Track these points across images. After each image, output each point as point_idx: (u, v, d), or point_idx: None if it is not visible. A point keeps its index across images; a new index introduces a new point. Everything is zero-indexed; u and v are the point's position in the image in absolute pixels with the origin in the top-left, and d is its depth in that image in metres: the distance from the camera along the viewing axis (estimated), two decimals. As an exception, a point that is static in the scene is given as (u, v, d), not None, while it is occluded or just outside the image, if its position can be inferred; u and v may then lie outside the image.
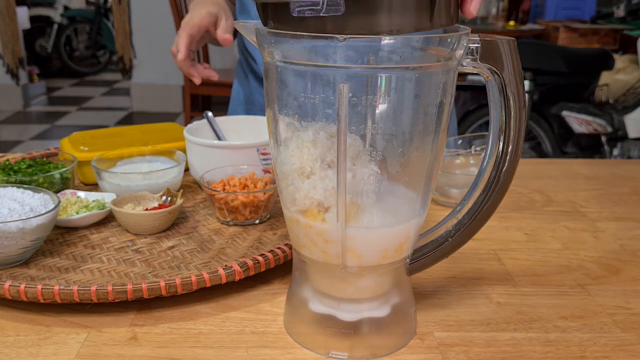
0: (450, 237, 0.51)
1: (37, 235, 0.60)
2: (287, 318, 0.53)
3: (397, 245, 0.47)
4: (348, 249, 0.46)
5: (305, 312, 0.51)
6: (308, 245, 0.47)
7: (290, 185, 0.46)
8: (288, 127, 0.46)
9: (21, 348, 0.49)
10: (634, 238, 0.73)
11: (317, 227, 0.46)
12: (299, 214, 0.46)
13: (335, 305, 0.49)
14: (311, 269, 0.50)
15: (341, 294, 0.49)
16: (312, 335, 0.50)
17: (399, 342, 0.50)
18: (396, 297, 0.50)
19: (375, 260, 0.47)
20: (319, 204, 0.45)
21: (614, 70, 2.84)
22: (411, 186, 0.46)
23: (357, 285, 0.48)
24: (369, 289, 0.49)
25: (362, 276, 0.48)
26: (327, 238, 0.46)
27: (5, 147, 3.63)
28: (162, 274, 0.59)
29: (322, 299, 0.50)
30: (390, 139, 0.43)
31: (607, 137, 2.65)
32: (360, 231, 0.45)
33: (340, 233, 0.45)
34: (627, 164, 1.06)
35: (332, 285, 0.49)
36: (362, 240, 0.46)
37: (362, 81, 0.41)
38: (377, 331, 0.49)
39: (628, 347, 0.51)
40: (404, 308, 0.51)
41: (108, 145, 0.84)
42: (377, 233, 0.46)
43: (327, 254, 0.47)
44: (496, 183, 0.48)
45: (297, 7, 0.38)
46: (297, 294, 0.52)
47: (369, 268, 0.47)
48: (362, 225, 0.45)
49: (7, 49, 4.42)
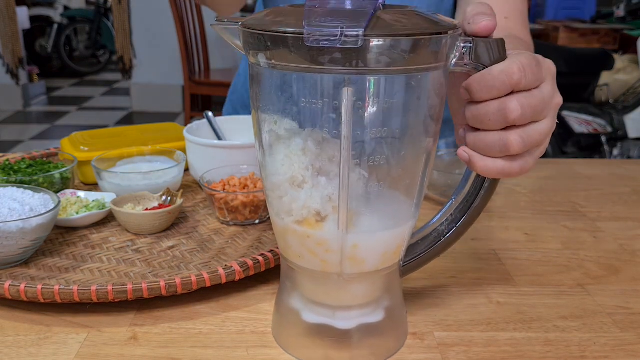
0: (444, 236, 0.50)
1: (37, 235, 0.60)
2: (278, 330, 0.52)
3: (395, 248, 0.47)
4: (349, 256, 0.45)
5: (298, 323, 0.49)
6: (305, 255, 0.46)
7: (284, 195, 0.45)
8: (277, 134, 0.44)
9: (21, 348, 0.49)
10: (634, 238, 0.73)
11: (316, 236, 0.45)
12: (296, 224, 0.45)
13: (330, 314, 0.48)
14: (304, 278, 0.49)
15: (336, 302, 0.48)
16: (309, 347, 0.49)
17: (396, 345, 0.50)
18: (388, 301, 0.50)
19: (375, 265, 0.46)
20: (317, 213, 0.44)
21: (614, 70, 2.84)
22: (406, 188, 0.46)
23: (353, 292, 0.48)
24: (364, 295, 0.48)
25: (359, 282, 0.47)
26: (327, 247, 0.45)
27: (5, 147, 3.63)
28: (162, 273, 0.59)
29: (315, 309, 0.49)
30: (382, 142, 0.42)
31: (607, 137, 2.65)
32: (361, 236, 0.44)
33: (341, 240, 0.44)
34: (627, 164, 1.07)
35: (327, 293, 0.48)
36: (363, 246, 0.45)
37: (352, 85, 0.40)
38: (374, 336, 0.49)
39: (627, 347, 0.51)
40: (397, 310, 0.51)
41: (108, 145, 0.84)
42: (377, 237, 0.45)
43: (327, 262, 0.46)
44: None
45: (313, 38, 0.37)
46: (287, 305, 0.50)
47: (367, 274, 0.47)
48: (362, 231, 0.44)
49: (7, 49, 4.42)
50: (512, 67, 0.41)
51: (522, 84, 0.42)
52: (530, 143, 0.44)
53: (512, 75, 0.41)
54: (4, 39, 4.40)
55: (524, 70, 0.41)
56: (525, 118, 0.43)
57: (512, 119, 0.42)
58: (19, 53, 4.50)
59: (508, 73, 0.41)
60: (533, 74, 0.42)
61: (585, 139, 2.68)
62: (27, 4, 5.34)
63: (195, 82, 3.40)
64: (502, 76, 0.41)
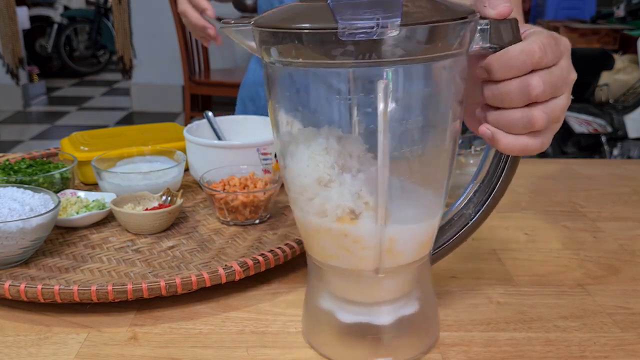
0: (471, 219, 0.51)
1: (37, 235, 0.60)
2: (311, 332, 0.51)
3: (428, 238, 0.47)
4: (386, 250, 0.45)
5: (334, 324, 0.49)
6: (341, 254, 0.46)
7: (314, 197, 0.44)
8: (296, 135, 0.44)
9: (21, 348, 0.49)
10: (634, 238, 0.73)
11: (354, 234, 0.44)
12: (332, 224, 0.44)
13: (366, 312, 0.48)
14: (336, 277, 0.48)
15: (370, 298, 0.48)
16: (349, 347, 0.48)
17: (434, 334, 0.51)
18: (420, 291, 0.50)
19: (411, 257, 0.46)
20: (351, 211, 0.44)
21: (614, 70, 2.84)
22: (438, 175, 0.46)
23: (387, 286, 0.47)
24: (398, 289, 0.48)
25: (393, 277, 0.47)
26: (364, 244, 0.44)
27: (5, 147, 3.63)
28: (162, 273, 0.59)
29: (350, 308, 0.48)
30: (415, 132, 0.43)
31: (607, 137, 2.65)
32: (398, 229, 0.44)
33: (378, 235, 0.44)
34: (627, 164, 1.07)
35: (360, 291, 0.48)
36: (400, 238, 0.45)
37: (369, 78, 0.40)
38: (411, 327, 0.49)
39: (628, 346, 0.51)
40: (430, 300, 0.51)
41: (108, 145, 0.84)
42: (413, 228, 0.46)
43: (363, 259, 0.45)
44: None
45: (348, 32, 0.37)
46: (319, 306, 0.50)
47: (402, 267, 0.47)
48: (398, 223, 0.44)
49: (7, 49, 4.42)
50: (533, 46, 0.43)
51: (543, 63, 0.43)
52: (553, 118, 0.45)
53: (533, 54, 0.42)
54: (4, 39, 4.40)
55: (544, 49, 0.43)
56: (546, 94, 0.44)
57: (535, 95, 0.43)
58: (19, 53, 4.50)
59: (529, 52, 0.42)
60: (552, 52, 0.43)
61: (585, 139, 2.68)
62: (27, 4, 5.34)
63: (195, 82, 3.40)
64: (523, 56, 0.42)
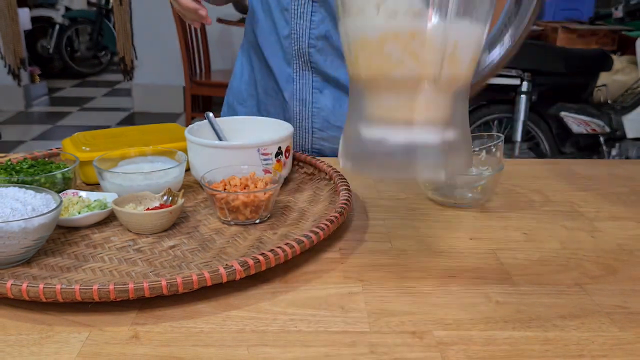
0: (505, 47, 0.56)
1: (39, 234, 0.60)
2: (364, 163, 0.54)
3: (478, 54, 0.51)
4: (449, 55, 0.48)
5: (383, 146, 0.51)
6: (405, 59, 0.48)
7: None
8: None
9: (23, 347, 0.50)
10: (632, 238, 0.73)
11: (421, 35, 0.47)
12: (402, 22, 0.47)
13: (415, 132, 0.50)
14: (390, 98, 0.50)
15: (420, 115, 0.50)
16: (401, 167, 0.52)
17: (469, 162, 0.55)
18: (460, 120, 0.53)
19: (464, 68, 0.49)
20: (420, 8, 0.47)
21: (613, 71, 2.84)
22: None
23: (438, 103, 0.50)
24: (445, 109, 0.51)
25: (446, 91, 0.50)
26: (431, 45, 0.47)
27: (7, 148, 3.63)
28: (164, 273, 0.59)
29: (400, 130, 0.51)
30: None
31: (605, 138, 2.65)
32: (461, 32, 0.47)
33: (445, 35, 0.47)
34: (625, 164, 1.07)
35: (412, 108, 0.50)
36: (461, 44, 0.48)
37: None
38: (454, 150, 0.52)
39: (626, 346, 0.51)
40: (466, 130, 0.54)
41: (110, 145, 0.85)
42: (474, 34, 0.49)
43: (427, 64, 0.48)
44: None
45: None
46: (368, 136, 0.52)
47: (455, 81, 0.50)
48: (461, 20, 0.47)
49: (8, 49, 4.43)
50: None
51: None
52: None
53: None
54: (5, 40, 4.41)
55: None
56: None
57: None
58: (20, 54, 4.50)
59: None
60: None
61: (584, 139, 2.69)
62: (28, 5, 5.35)
63: (196, 83, 3.40)
64: None
